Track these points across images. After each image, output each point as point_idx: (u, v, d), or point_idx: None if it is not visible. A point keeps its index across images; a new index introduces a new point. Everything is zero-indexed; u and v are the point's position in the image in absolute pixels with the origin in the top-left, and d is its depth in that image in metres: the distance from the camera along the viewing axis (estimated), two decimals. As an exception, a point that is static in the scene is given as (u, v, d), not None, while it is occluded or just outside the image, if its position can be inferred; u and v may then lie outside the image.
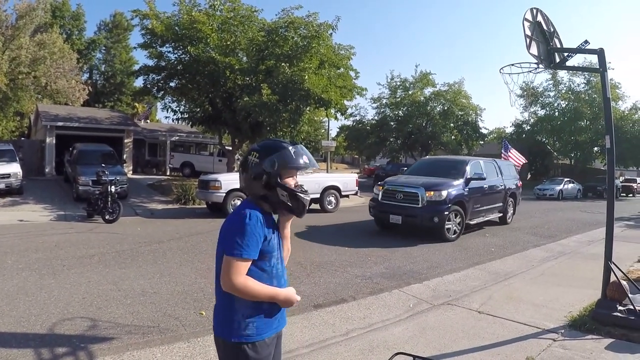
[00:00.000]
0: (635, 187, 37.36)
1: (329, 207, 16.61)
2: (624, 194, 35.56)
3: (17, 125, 37.41)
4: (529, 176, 44.03)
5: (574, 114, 38.43)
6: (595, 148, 41.17)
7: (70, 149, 19.03)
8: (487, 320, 5.55)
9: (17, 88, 26.26)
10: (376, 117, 42.45)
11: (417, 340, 4.95)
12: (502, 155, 21.17)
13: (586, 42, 5.38)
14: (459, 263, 8.59)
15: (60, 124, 23.42)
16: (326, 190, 16.62)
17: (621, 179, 37.38)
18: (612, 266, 5.27)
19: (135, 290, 6.29)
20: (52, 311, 5.29)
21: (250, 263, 2.13)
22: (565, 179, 30.68)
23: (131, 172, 25.51)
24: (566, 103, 40.12)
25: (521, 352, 4.57)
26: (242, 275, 2.09)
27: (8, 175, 15.45)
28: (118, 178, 14.19)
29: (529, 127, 42.89)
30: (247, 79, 18.11)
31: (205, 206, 15.66)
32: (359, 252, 9.39)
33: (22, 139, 32.18)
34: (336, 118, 20.33)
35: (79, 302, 5.65)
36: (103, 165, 15.06)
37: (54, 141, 23.42)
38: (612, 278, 5.26)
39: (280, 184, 2.24)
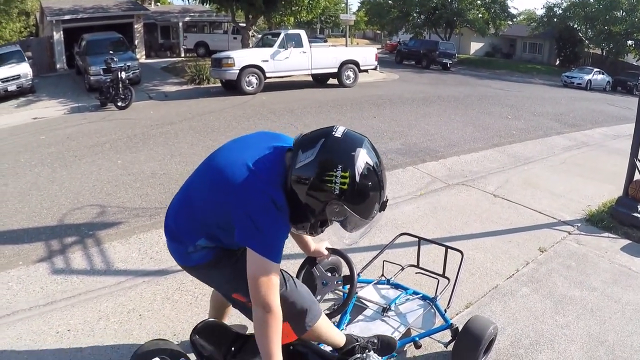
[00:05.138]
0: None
1: (347, 81, 16.11)
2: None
3: (24, 25, 36.16)
4: (558, 62, 41.77)
5: (610, 3, 35.14)
6: (630, 41, 38.17)
7: (79, 41, 18.46)
8: (502, 204, 5.39)
9: (18, -13, 25.09)
10: (398, -10, 39.87)
11: (427, 220, 4.85)
12: None
13: None
14: (478, 143, 8.31)
15: (66, 17, 22.49)
16: (344, 64, 15.96)
17: None
18: (638, 164, 4.95)
19: (145, 173, 6.29)
20: (62, 203, 5.29)
21: None
22: (595, 69, 28.66)
23: (144, 56, 24.86)
24: (603, -11, 36.68)
25: (534, 241, 4.43)
26: None
27: (17, 76, 15.12)
28: (129, 64, 13.79)
29: (560, 11, 39.71)
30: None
31: (220, 85, 15.37)
32: (374, 127, 9.16)
33: (31, 38, 31.28)
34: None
35: (89, 191, 5.65)
36: (111, 52, 14.57)
37: (62, 36, 22.70)
38: (636, 176, 4.97)
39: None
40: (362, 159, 1.62)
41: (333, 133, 1.64)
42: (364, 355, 1.94)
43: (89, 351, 2.76)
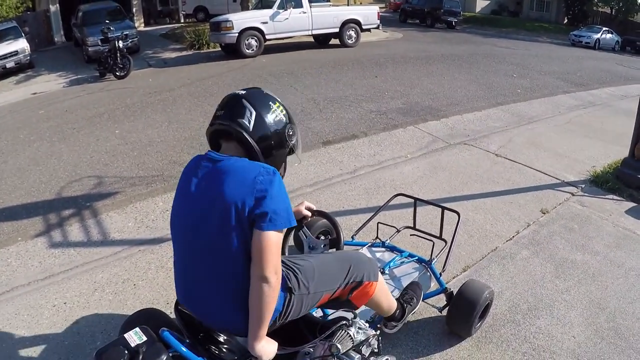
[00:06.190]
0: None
1: (349, 41, 15.84)
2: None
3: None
4: (566, 20, 40.58)
5: (621, -41, 33.88)
6: (640, 0, 36.88)
7: (76, 12, 18.15)
8: (504, 164, 5.29)
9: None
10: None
11: (426, 180, 4.78)
12: None
13: None
14: (481, 102, 8.13)
15: (61, -12, 21.88)
16: (345, 24, 15.70)
17: None
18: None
19: (142, 141, 6.24)
20: (60, 176, 5.27)
21: None
22: (604, 29, 27.85)
23: (143, 24, 24.36)
24: (613, -56, 35.11)
25: (536, 202, 4.34)
26: None
27: (15, 53, 14.82)
28: (126, 33, 13.54)
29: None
30: None
31: (220, 49, 15.13)
32: (376, 86, 8.99)
33: (28, 12, 30.84)
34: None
35: (87, 162, 5.62)
36: (107, 22, 14.34)
37: (59, 8, 22.22)
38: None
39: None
40: (269, 92, 1.87)
41: (240, 93, 1.81)
42: (350, 322, 1.92)
43: (84, 323, 2.77)
